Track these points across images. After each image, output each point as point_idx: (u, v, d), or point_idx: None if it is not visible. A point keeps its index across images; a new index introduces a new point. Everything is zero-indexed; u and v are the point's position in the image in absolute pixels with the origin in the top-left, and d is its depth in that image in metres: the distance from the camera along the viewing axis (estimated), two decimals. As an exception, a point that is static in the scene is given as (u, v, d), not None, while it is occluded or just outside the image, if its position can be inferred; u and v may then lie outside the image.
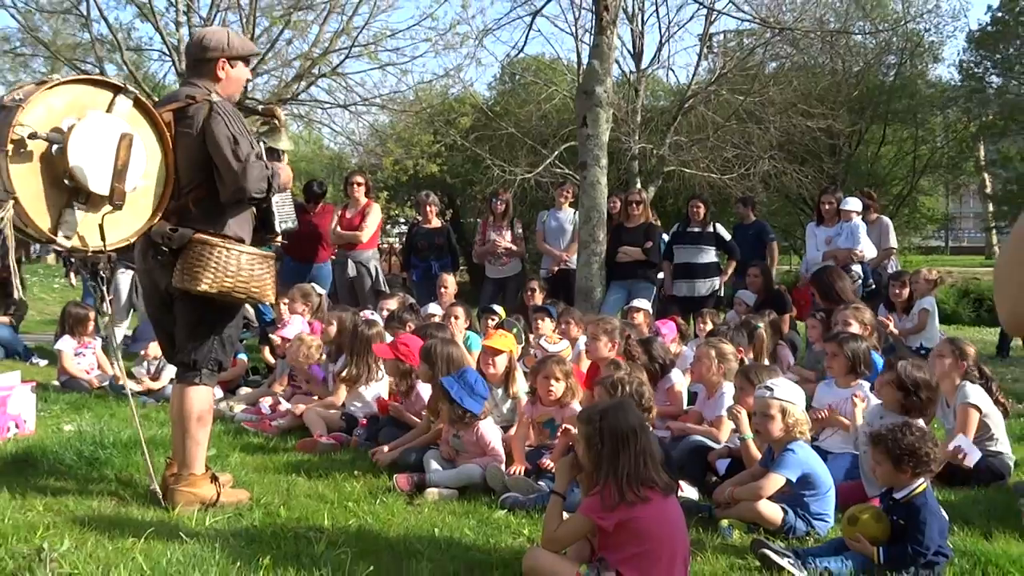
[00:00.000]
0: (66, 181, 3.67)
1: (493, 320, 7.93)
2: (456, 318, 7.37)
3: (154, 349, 7.41)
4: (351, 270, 9.41)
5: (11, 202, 3.53)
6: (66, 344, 7.92)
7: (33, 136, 3.56)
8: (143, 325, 7.67)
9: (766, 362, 6.50)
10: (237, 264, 4.03)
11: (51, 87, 3.65)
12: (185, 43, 4.24)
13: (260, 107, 4.51)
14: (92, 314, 8.05)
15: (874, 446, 3.71)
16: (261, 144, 4.24)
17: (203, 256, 3.97)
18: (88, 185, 3.68)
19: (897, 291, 8.30)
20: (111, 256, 3.92)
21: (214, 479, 4.28)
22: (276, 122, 4.45)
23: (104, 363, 8.04)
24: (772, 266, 10.04)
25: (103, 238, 3.82)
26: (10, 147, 3.50)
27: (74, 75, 3.84)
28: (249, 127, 4.24)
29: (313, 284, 8.64)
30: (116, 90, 3.85)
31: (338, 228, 9.50)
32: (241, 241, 4.17)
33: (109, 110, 3.80)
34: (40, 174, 3.64)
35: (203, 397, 4.25)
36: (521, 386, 5.71)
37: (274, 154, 4.36)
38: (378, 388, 6.22)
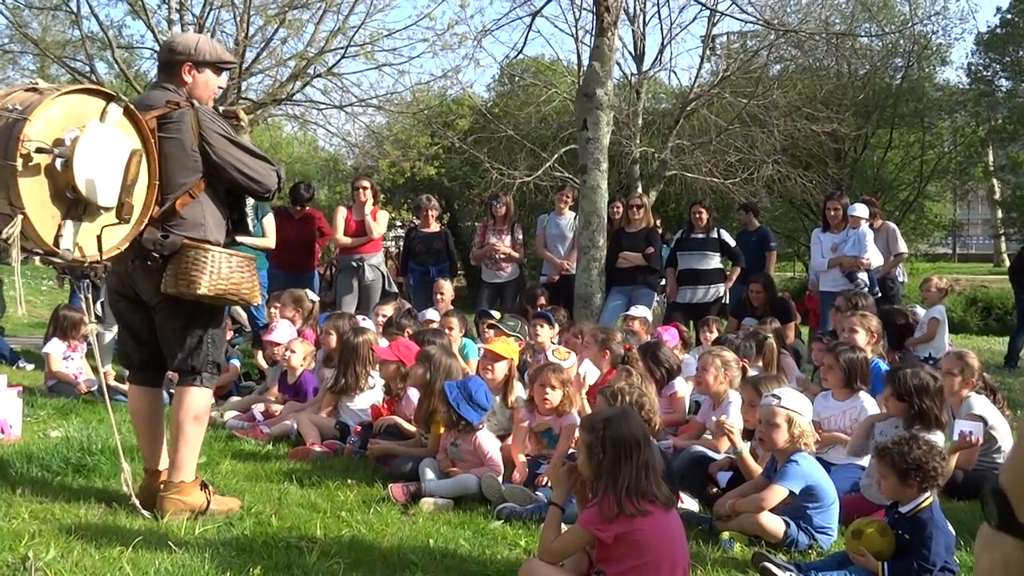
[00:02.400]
0: (68, 194, 3.65)
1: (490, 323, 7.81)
2: (451, 328, 7.20)
3: None
4: (369, 274, 9.29)
5: (20, 217, 3.52)
6: (55, 347, 7.84)
7: (40, 151, 3.53)
8: None
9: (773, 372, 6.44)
10: (229, 267, 4.07)
11: (50, 100, 3.60)
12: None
13: (222, 109, 4.51)
14: (85, 317, 7.96)
15: (879, 459, 3.65)
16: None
17: (199, 260, 3.98)
18: (97, 200, 3.68)
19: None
20: (107, 266, 3.93)
21: (204, 487, 4.22)
22: (240, 124, 4.45)
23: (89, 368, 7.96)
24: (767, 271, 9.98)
25: (100, 248, 3.81)
26: (19, 161, 3.48)
27: (68, 85, 3.83)
28: None
29: (306, 290, 8.55)
30: (108, 98, 3.83)
31: (342, 235, 9.42)
32: (218, 244, 4.20)
33: (101, 118, 3.77)
34: (43, 187, 3.62)
35: (204, 397, 4.27)
36: (519, 395, 5.63)
37: None
38: (371, 396, 6.12)
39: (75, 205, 3.69)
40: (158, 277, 4.04)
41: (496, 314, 8.18)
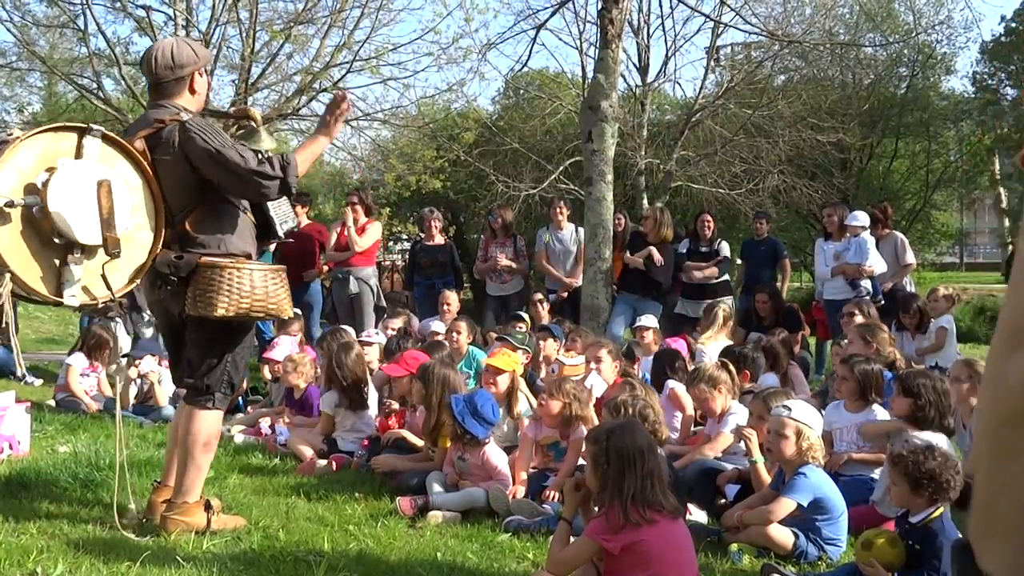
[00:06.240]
0: (56, 240, 3.58)
1: (520, 328, 7.79)
2: (459, 333, 7.26)
3: (147, 364, 7.36)
4: (353, 287, 9.34)
5: (7, 275, 3.46)
6: (77, 360, 7.83)
7: (10, 205, 3.45)
8: (145, 341, 7.67)
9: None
10: (251, 283, 3.92)
11: (14, 148, 3.51)
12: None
13: (232, 110, 4.39)
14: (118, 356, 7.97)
15: (893, 466, 3.62)
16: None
17: (214, 280, 3.86)
18: (79, 240, 3.59)
19: (908, 319, 8.26)
20: (122, 303, 3.84)
21: (207, 507, 4.16)
22: (252, 123, 4.33)
23: (105, 387, 7.95)
24: (784, 283, 9.93)
25: (108, 287, 3.74)
26: None
27: (31, 131, 3.68)
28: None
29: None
30: (80, 132, 3.72)
31: (331, 250, 9.46)
32: (248, 256, 4.10)
33: (78, 154, 3.68)
34: (29, 238, 3.54)
35: (213, 422, 4.15)
36: (523, 407, 5.62)
37: None
38: (364, 415, 6.06)
39: (71, 248, 3.60)
40: (183, 299, 3.94)
41: (527, 316, 8.23)
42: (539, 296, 9.06)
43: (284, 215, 4.36)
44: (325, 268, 9.92)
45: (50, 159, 3.60)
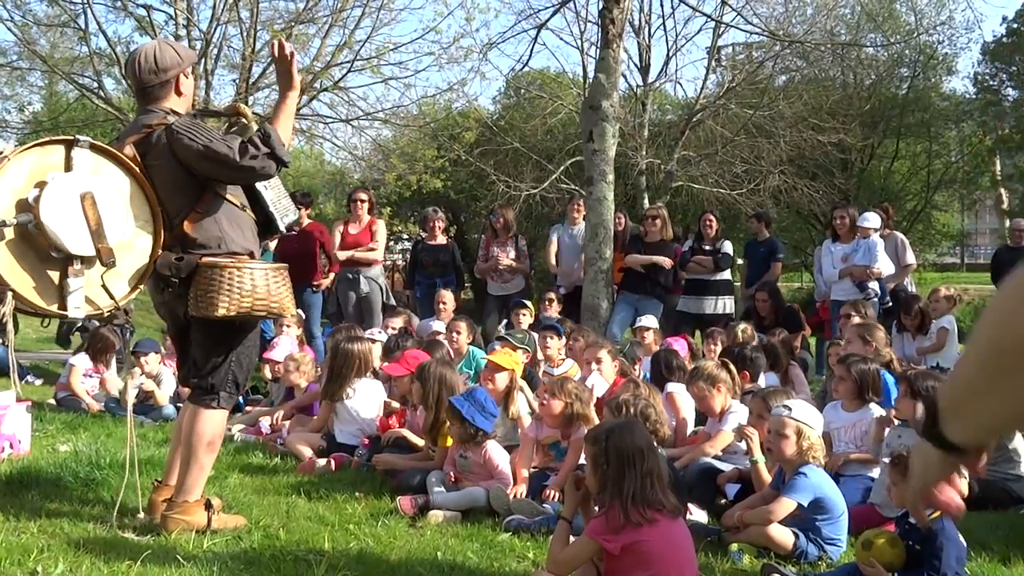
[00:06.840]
0: (54, 254, 3.61)
1: (525, 314, 7.96)
2: (459, 332, 7.27)
3: (151, 363, 7.36)
4: (364, 286, 9.35)
5: (9, 294, 3.48)
6: (81, 360, 7.83)
7: (3, 224, 3.48)
8: (146, 340, 7.67)
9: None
10: (252, 282, 3.91)
11: (4, 167, 3.52)
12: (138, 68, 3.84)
13: (222, 108, 4.40)
14: (118, 345, 7.96)
15: (893, 466, 3.63)
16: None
17: (215, 280, 3.86)
18: (72, 252, 3.62)
19: (909, 320, 8.27)
20: (127, 310, 3.86)
21: (208, 506, 4.15)
22: (243, 120, 4.32)
23: (107, 386, 7.95)
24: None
25: (111, 295, 3.77)
26: None
27: (20, 148, 3.71)
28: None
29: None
30: (68, 144, 3.73)
31: (338, 249, 9.45)
32: (250, 254, 4.10)
33: (68, 167, 3.69)
34: (27, 255, 3.57)
35: (218, 421, 4.15)
36: (521, 406, 5.61)
37: None
38: (364, 410, 6.06)
39: (70, 261, 3.63)
40: (186, 300, 3.95)
41: (529, 304, 8.33)
42: (551, 295, 9.09)
43: (285, 208, 4.35)
44: (332, 276, 9.90)
45: (40, 174, 3.61)
